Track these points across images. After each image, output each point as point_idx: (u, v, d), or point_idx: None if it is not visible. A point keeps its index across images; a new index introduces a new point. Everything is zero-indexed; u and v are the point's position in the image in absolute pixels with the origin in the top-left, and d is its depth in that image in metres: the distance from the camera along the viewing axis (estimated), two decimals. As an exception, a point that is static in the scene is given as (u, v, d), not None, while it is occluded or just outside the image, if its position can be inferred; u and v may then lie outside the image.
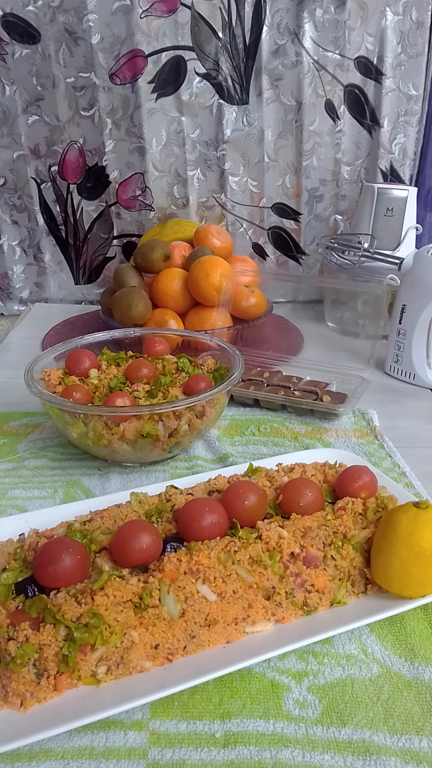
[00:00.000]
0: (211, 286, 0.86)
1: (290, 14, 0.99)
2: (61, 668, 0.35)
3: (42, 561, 0.38)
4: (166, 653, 0.37)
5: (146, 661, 0.37)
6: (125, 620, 0.37)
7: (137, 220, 1.12)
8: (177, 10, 0.97)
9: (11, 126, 1.03)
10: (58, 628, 0.36)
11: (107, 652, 0.36)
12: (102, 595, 0.37)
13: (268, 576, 0.40)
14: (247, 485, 0.46)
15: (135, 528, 0.40)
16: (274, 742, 0.34)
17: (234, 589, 0.40)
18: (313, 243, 1.16)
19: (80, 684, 0.36)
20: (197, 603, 0.38)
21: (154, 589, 0.38)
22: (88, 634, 0.35)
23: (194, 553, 0.40)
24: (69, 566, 0.38)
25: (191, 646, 0.38)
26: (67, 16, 0.96)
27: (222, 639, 0.39)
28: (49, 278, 1.16)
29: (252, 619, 0.40)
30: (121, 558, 0.40)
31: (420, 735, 0.34)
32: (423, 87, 1.04)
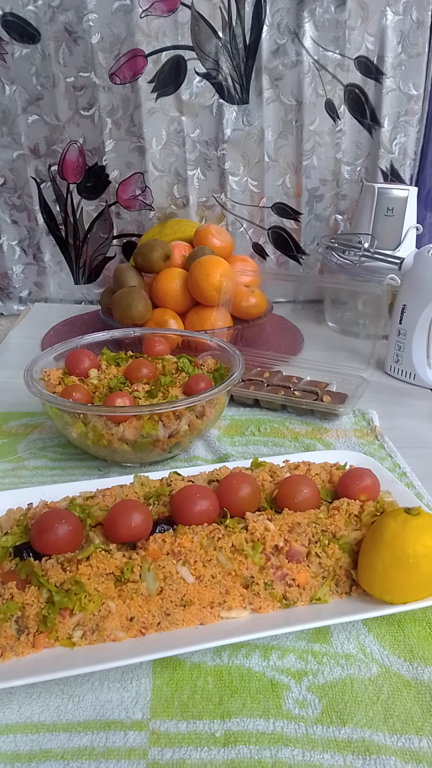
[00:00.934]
0: (211, 286, 0.86)
1: (290, 14, 0.99)
2: (41, 627, 0.38)
3: (37, 528, 0.41)
4: (140, 626, 0.39)
5: (120, 631, 0.39)
6: (105, 591, 0.39)
7: (137, 219, 1.12)
8: (177, 10, 0.97)
9: (11, 126, 1.03)
10: (41, 590, 0.38)
11: (84, 618, 0.38)
12: (86, 565, 0.39)
13: (248, 565, 0.41)
14: (243, 477, 0.47)
15: (127, 507, 0.43)
16: (274, 741, 0.34)
17: (213, 573, 0.41)
18: (313, 243, 1.16)
19: (57, 645, 0.38)
20: (175, 583, 0.40)
21: (136, 565, 0.40)
22: (67, 599, 0.38)
23: (180, 535, 0.42)
24: (61, 536, 0.41)
25: (165, 623, 0.40)
26: (66, 15, 0.96)
27: (196, 620, 0.40)
28: (48, 278, 1.16)
29: (228, 605, 0.41)
30: (111, 534, 0.42)
31: (419, 735, 0.34)
32: (423, 87, 1.04)
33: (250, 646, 0.40)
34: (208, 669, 0.38)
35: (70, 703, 0.36)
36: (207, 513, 0.43)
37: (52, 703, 0.36)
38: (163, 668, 0.38)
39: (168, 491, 0.47)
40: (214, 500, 0.44)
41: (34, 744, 0.34)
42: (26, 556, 0.41)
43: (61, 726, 0.35)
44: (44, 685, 0.37)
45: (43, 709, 0.36)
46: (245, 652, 0.40)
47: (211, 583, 0.41)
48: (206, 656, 0.39)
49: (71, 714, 0.35)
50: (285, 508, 0.45)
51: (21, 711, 0.36)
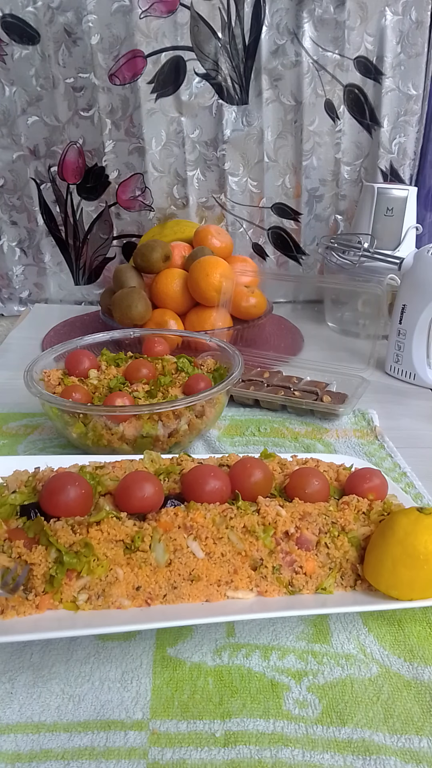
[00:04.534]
0: (211, 286, 0.86)
1: (290, 14, 0.99)
2: (46, 588, 0.37)
3: (48, 489, 0.40)
4: (146, 596, 0.39)
5: (126, 599, 0.39)
6: (114, 557, 0.39)
7: (137, 220, 1.12)
8: (176, 11, 0.97)
9: (11, 126, 1.03)
10: (49, 550, 0.38)
11: (91, 582, 0.38)
12: (97, 529, 0.39)
13: (258, 547, 0.41)
14: (256, 462, 0.46)
15: (140, 477, 0.42)
16: (274, 741, 0.34)
17: (223, 551, 0.41)
18: (313, 243, 1.16)
19: (60, 607, 0.38)
20: (185, 557, 0.40)
21: (146, 535, 0.40)
22: (76, 560, 0.38)
23: (192, 511, 0.41)
24: (72, 498, 0.40)
25: (171, 595, 0.39)
26: (66, 16, 0.96)
27: (202, 596, 0.40)
28: (48, 279, 1.16)
29: (235, 584, 0.41)
30: (122, 503, 0.41)
31: (419, 735, 0.34)
32: (423, 87, 1.04)
33: (250, 646, 0.40)
34: (208, 669, 0.38)
35: (70, 703, 0.36)
36: (219, 493, 0.43)
37: (52, 703, 0.36)
38: (164, 668, 0.38)
39: (178, 470, 0.47)
40: (227, 481, 0.44)
41: (34, 744, 0.34)
42: (34, 515, 0.40)
43: (62, 726, 0.35)
44: (45, 684, 0.37)
45: (43, 709, 0.36)
46: (245, 652, 0.40)
47: (221, 561, 0.41)
48: (206, 656, 0.39)
49: (71, 714, 0.35)
50: (295, 498, 0.45)
51: (22, 711, 0.36)
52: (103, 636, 0.41)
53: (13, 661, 0.39)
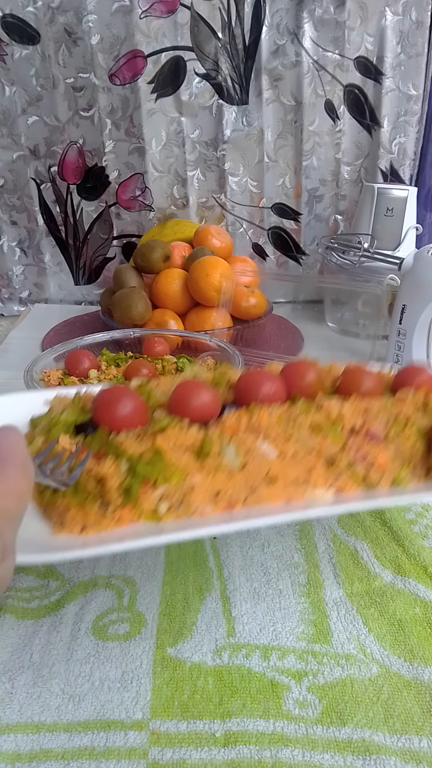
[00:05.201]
0: (211, 286, 0.86)
1: (290, 14, 0.99)
2: (124, 501, 0.35)
3: (103, 402, 0.38)
4: (227, 501, 0.37)
5: (207, 505, 0.37)
6: (186, 464, 0.37)
7: (137, 220, 1.12)
8: (176, 11, 0.97)
9: (11, 126, 1.03)
10: (119, 462, 0.36)
11: (169, 490, 0.36)
12: (163, 438, 0.37)
13: (328, 444, 0.40)
14: (308, 363, 0.45)
15: (195, 385, 0.40)
16: (274, 741, 0.34)
17: (295, 451, 0.39)
18: (313, 243, 1.16)
19: (142, 519, 0.36)
20: (258, 458, 0.38)
21: (215, 440, 0.38)
22: (150, 468, 0.35)
23: (255, 412, 0.39)
24: (130, 409, 0.38)
25: (252, 498, 0.37)
26: (66, 16, 0.96)
27: (283, 496, 0.38)
28: (48, 279, 1.16)
29: (312, 483, 0.39)
30: (180, 411, 0.39)
31: (420, 735, 0.34)
32: (423, 87, 1.04)
33: (250, 646, 0.40)
34: (208, 669, 0.38)
35: (70, 703, 0.36)
36: (276, 395, 0.41)
37: (52, 703, 0.36)
38: (164, 668, 0.38)
39: (225, 380, 0.45)
40: (282, 384, 0.42)
41: (34, 744, 0.34)
42: (90, 432, 0.38)
43: (62, 726, 0.35)
44: (45, 684, 0.37)
45: (43, 709, 0.36)
46: (245, 652, 0.40)
47: (294, 461, 0.39)
48: (206, 656, 0.39)
49: (71, 714, 0.35)
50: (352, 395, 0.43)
51: (22, 711, 0.36)
52: (103, 636, 0.41)
53: (13, 661, 0.39)
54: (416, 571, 0.46)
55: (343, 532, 0.51)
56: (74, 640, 0.40)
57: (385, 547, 0.49)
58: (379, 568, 0.47)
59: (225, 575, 0.46)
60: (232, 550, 0.48)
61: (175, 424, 0.37)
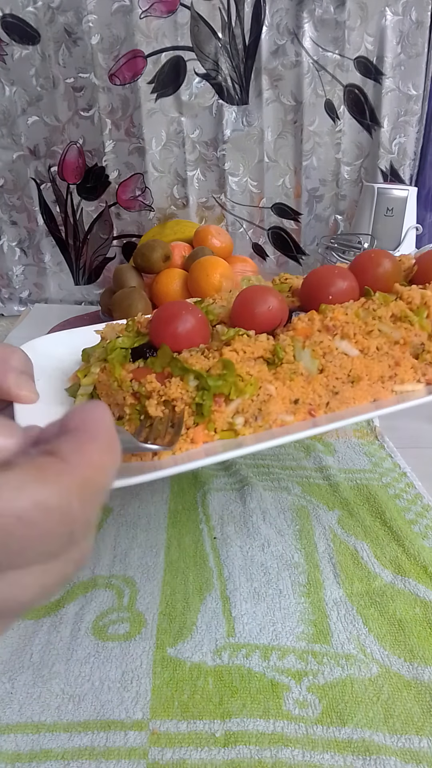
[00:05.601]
0: (211, 286, 0.86)
1: (290, 14, 0.99)
2: (197, 419, 0.33)
3: (160, 321, 0.35)
4: (308, 408, 0.35)
5: (287, 415, 0.34)
6: (259, 374, 0.34)
7: (137, 220, 1.12)
8: (176, 11, 0.97)
9: (11, 126, 1.03)
10: (186, 380, 0.33)
11: (243, 404, 0.34)
12: (230, 350, 0.34)
13: (416, 332, 0.37)
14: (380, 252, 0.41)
15: (258, 291, 0.37)
16: (274, 741, 0.34)
17: (378, 345, 0.36)
18: (313, 243, 1.16)
19: (217, 437, 0.33)
20: (337, 359, 0.35)
21: (287, 346, 0.35)
22: (222, 382, 0.33)
23: (328, 311, 0.36)
24: (190, 325, 0.35)
25: (335, 402, 0.35)
26: (66, 16, 0.96)
27: (368, 396, 0.36)
28: (48, 279, 1.16)
29: (400, 378, 0.37)
30: (244, 321, 0.36)
31: (420, 735, 0.34)
32: (423, 87, 1.04)
33: (250, 646, 0.40)
34: (208, 669, 0.38)
35: (70, 703, 0.36)
36: (350, 291, 0.38)
37: (52, 703, 0.36)
38: (164, 668, 0.38)
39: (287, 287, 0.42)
40: (353, 277, 0.39)
41: (34, 744, 0.34)
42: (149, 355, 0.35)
43: (62, 726, 0.35)
44: (45, 684, 0.37)
45: (43, 709, 0.36)
46: (245, 652, 0.40)
47: (378, 356, 0.36)
48: (206, 656, 0.39)
49: (71, 714, 0.35)
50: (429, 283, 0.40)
51: (22, 711, 0.36)
52: (103, 636, 0.41)
53: (13, 661, 0.39)
54: (416, 571, 0.46)
55: (343, 532, 0.51)
56: (74, 640, 0.40)
57: (385, 547, 0.49)
58: (379, 568, 0.47)
59: (225, 575, 0.46)
60: (232, 550, 0.48)
61: (241, 334, 0.35)
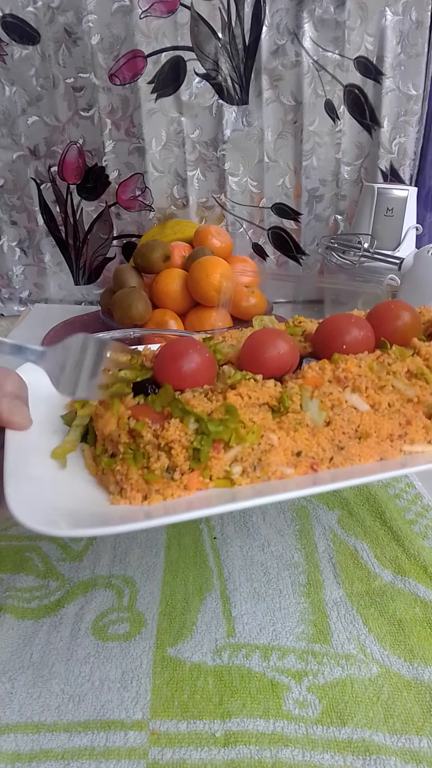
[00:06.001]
0: (211, 286, 0.86)
1: (290, 14, 0.99)
2: (192, 465, 0.31)
3: (165, 357, 0.34)
4: (309, 462, 0.33)
5: (287, 467, 0.33)
6: (263, 422, 0.33)
7: (137, 220, 1.12)
8: (176, 11, 0.97)
9: (11, 126, 1.03)
10: (186, 422, 0.32)
11: (243, 452, 0.32)
12: (235, 394, 0.33)
13: (431, 391, 0.35)
14: (400, 303, 0.40)
15: (270, 334, 0.35)
16: (274, 741, 0.34)
17: (390, 401, 0.35)
18: (313, 243, 1.16)
19: (212, 485, 0.32)
20: (345, 412, 0.34)
21: (294, 394, 0.34)
22: (222, 428, 0.31)
23: (341, 361, 0.35)
24: (196, 364, 0.33)
25: (339, 457, 0.34)
26: (66, 16, 0.96)
27: (375, 454, 0.34)
28: (48, 279, 1.16)
29: (410, 437, 0.35)
30: (252, 365, 0.35)
31: (420, 735, 0.34)
32: (423, 87, 1.04)
33: (250, 646, 0.40)
34: (208, 669, 0.38)
35: (70, 703, 0.36)
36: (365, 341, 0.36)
37: (52, 703, 0.36)
38: (164, 668, 0.38)
39: (300, 331, 0.41)
40: (370, 328, 0.37)
41: (34, 744, 0.34)
42: (152, 390, 0.34)
43: (62, 726, 0.35)
44: (45, 684, 0.37)
45: (43, 709, 0.36)
46: (245, 652, 0.40)
47: (389, 412, 0.35)
48: (206, 656, 0.39)
49: (71, 714, 0.35)
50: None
51: (22, 711, 0.36)
52: (103, 636, 0.41)
53: (13, 661, 0.39)
54: (416, 571, 0.46)
55: (343, 531, 0.51)
56: (74, 640, 0.40)
57: (385, 547, 0.49)
58: (379, 568, 0.47)
59: (225, 575, 0.46)
60: (232, 550, 0.48)
61: (248, 378, 0.34)
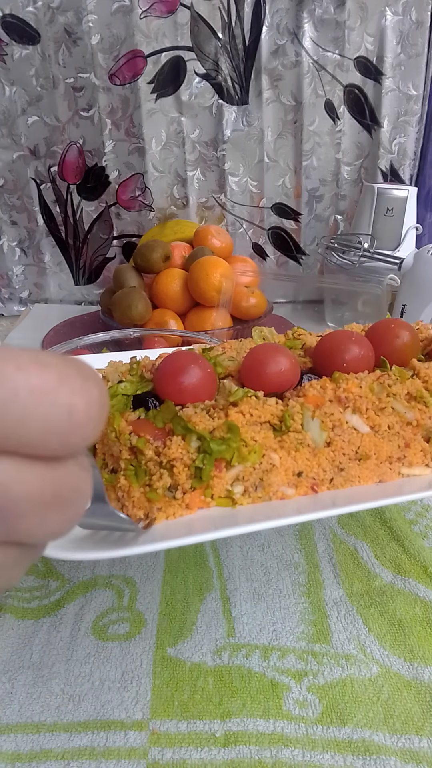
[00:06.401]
0: (211, 286, 0.86)
1: (290, 14, 0.99)
2: (194, 484, 0.31)
3: (166, 371, 0.33)
4: (310, 483, 0.33)
5: (288, 487, 0.33)
6: (264, 441, 0.32)
7: (137, 220, 1.12)
8: (176, 11, 0.97)
9: (11, 126, 1.03)
10: (188, 440, 0.31)
11: (245, 471, 0.32)
12: (237, 412, 0.32)
13: (430, 414, 0.35)
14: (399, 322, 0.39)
15: (270, 349, 0.35)
16: (274, 741, 0.34)
17: (389, 423, 0.35)
18: (313, 243, 1.16)
19: (213, 504, 0.32)
20: (346, 433, 0.34)
21: (296, 413, 0.33)
22: (224, 447, 0.31)
23: (342, 381, 0.35)
24: (197, 379, 0.33)
25: (339, 479, 0.34)
26: (66, 16, 0.96)
27: (374, 476, 0.34)
28: (48, 279, 1.16)
29: (409, 460, 0.35)
30: (253, 381, 0.35)
31: (420, 735, 0.34)
32: (423, 87, 1.04)
33: (250, 646, 0.40)
34: (208, 669, 0.38)
35: (70, 703, 0.36)
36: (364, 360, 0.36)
37: (52, 703, 0.36)
38: (163, 668, 0.38)
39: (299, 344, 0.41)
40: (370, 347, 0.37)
41: (34, 744, 0.34)
42: (153, 405, 0.33)
43: (62, 726, 0.35)
44: (45, 684, 0.37)
45: (43, 709, 0.36)
46: (245, 652, 0.40)
47: (389, 435, 0.35)
48: (206, 656, 0.39)
49: (71, 714, 0.35)
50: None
51: (22, 711, 0.36)
52: (103, 636, 0.41)
53: (13, 661, 0.39)
54: (416, 571, 0.46)
55: (343, 531, 0.51)
56: (74, 640, 0.40)
57: (385, 547, 0.49)
58: (379, 568, 0.47)
59: (225, 575, 0.46)
60: (232, 550, 0.48)
61: (250, 396, 0.33)
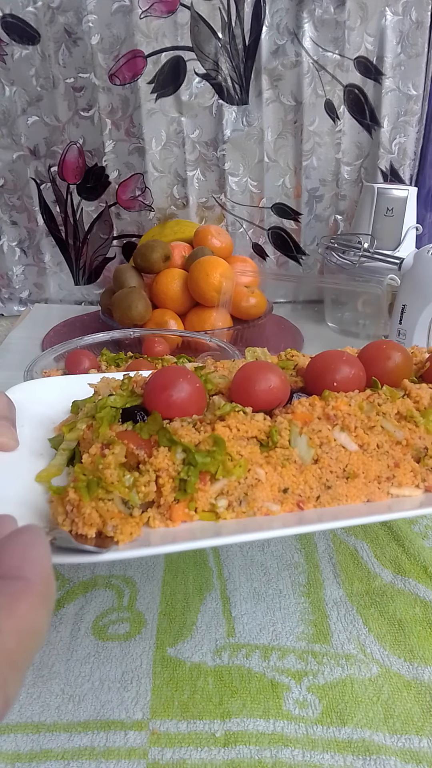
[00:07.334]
0: (211, 286, 0.86)
1: (290, 14, 0.99)
2: (178, 496, 0.31)
3: (155, 386, 0.34)
4: (296, 499, 0.33)
5: (273, 503, 0.33)
6: (250, 456, 0.33)
7: (137, 220, 1.12)
8: (176, 11, 0.97)
9: (11, 126, 1.03)
10: (173, 451, 0.32)
11: (229, 485, 0.32)
12: (224, 426, 0.33)
13: (420, 434, 0.35)
14: (392, 343, 0.39)
15: (261, 367, 0.36)
16: (274, 741, 0.34)
17: (379, 442, 0.35)
18: (313, 243, 1.16)
19: (196, 518, 0.32)
20: (334, 451, 0.34)
21: (283, 429, 0.33)
22: (209, 459, 0.31)
23: (331, 399, 0.35)
24: (185, 394, 0.34)
25: (326, 497, 0.33)
26: (66, 16, 0.96)
27: (362, 495, 0.34)
28: (48, 279, 1.16)
29: (398, 480, 0.35)
30: (242, 397, 0.35)
31: (420, 735, 0.34)
32: (423, 87, 1.04)
33: (250, 646, 0.40)
34: (208, 669, 0.38)
35: (70, 703, 0.36)
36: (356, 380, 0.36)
37: (52, 703, 0.36)
38: (164, 668, 0.38)
39: (292, 365, 0.41)
40: (361, 367, 0.38)
41: (34, 744, 0.34)
42: (141, 418, 0.34)
43: (62, 726, 0.35)
44: (45, 684, 0.37)
45: (43, 709, 0.36)
46: (245, 652, 0.40)
47: (378, 454, 0.35)
48: (206, 656, 0.39)
49: (71, 714, 0.35)
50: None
51: (22, 711, 0.36)
52: (103, 636, 0.41)
53: (13, 661, 0.39)
54: (416, 571, 0.46)
55: (343, 531, 0.51)
56: (74, 640, 0.40)
57: (385, 547, 0.49)
58: (379, 568, 0.47)
59: (225, 575, 0.46)
60: (232, 550, 0.48)
61: (237, 411, 0.34)
